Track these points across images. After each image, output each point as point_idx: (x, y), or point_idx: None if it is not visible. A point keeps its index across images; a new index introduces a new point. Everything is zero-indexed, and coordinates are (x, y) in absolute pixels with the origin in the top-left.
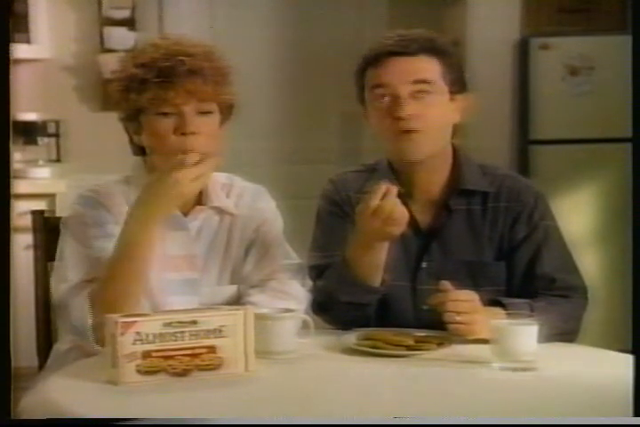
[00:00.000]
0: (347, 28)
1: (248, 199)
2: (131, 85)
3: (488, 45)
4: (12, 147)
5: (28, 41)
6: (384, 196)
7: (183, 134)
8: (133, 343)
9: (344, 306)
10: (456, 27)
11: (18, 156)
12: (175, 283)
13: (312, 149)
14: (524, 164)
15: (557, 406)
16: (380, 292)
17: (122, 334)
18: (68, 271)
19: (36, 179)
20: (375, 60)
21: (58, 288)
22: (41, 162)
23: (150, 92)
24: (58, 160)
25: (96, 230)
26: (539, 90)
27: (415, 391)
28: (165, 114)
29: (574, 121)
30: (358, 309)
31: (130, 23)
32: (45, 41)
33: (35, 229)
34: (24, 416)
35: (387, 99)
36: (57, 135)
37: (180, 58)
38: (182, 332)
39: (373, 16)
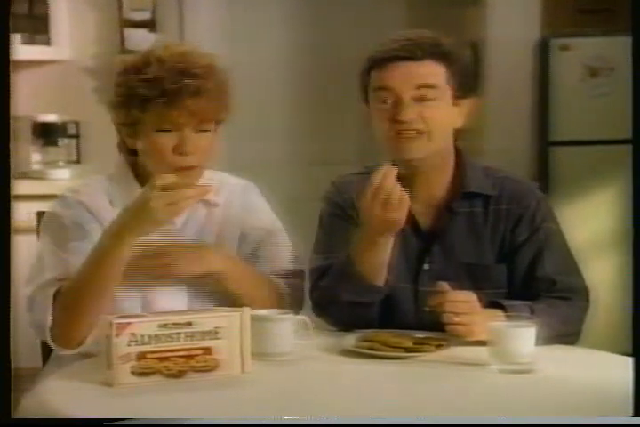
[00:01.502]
0: (365, 30)
1: (239, 196)
2: (132, 102)
3: (508, 46)
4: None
5: (48, 42)
6: (384, 177)
7: (181, 154)
8: (128, 345)
9: (346, 305)
10: (476, 28)
11: (38, 157)
12: None
13: (331, 151)
14: (543, 165)
15: (555, 407)
16: (383, 291)
17: (116, 335)
18: (42, 271)
19: (56, 180)
20: (380, 62)
21: (28, 286)
22: (61, 163)
23: (153, 111)
24: (77, 161)
25: (73, 232)
26: (558, 91)
27: (412, 394)
28: (165, 130)
29: (594, 122)
30: (361, 308)
31: (150, 25)
32: (65, 42)
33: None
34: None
35: (389, 102)
36: (77, 136)
37: (186, 81)
38: (178, 333)
39: (392, 17)
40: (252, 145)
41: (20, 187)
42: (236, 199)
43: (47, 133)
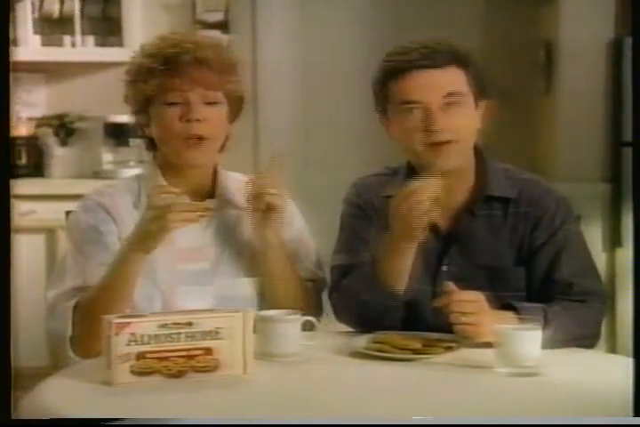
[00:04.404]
0: (439, 29)
1: None
2: (138, 76)
3: (581, 45)
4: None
5: (120, 44)
6: (423, 188)
7: (188, 121)
8: (127, 344)
9: (367, 308)
10: (549, 26)
11: (109, 157)
12: (186, 274)
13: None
14: (616, 166)
15: (556, 408)
16: (403, 298)
17: (116, 334)
18: (63, 276)
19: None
20: (400, 72)
21: (50, 289)
22: (132, 163)
23: (156, 79)
24: None
25: (90, 236)
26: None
27: (419, 395)
28: (173, 104)
29: None
30: (380, 312)
31: (223, 26)
32: (138, 44)
33: None
34: (21, 417)
35: (417, 112)
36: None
37: (186, 46)
38: (178, 333)
39: (466, 16)
40: (325, 145)
41: (91, 186)
42: None
43: (119, 134)
